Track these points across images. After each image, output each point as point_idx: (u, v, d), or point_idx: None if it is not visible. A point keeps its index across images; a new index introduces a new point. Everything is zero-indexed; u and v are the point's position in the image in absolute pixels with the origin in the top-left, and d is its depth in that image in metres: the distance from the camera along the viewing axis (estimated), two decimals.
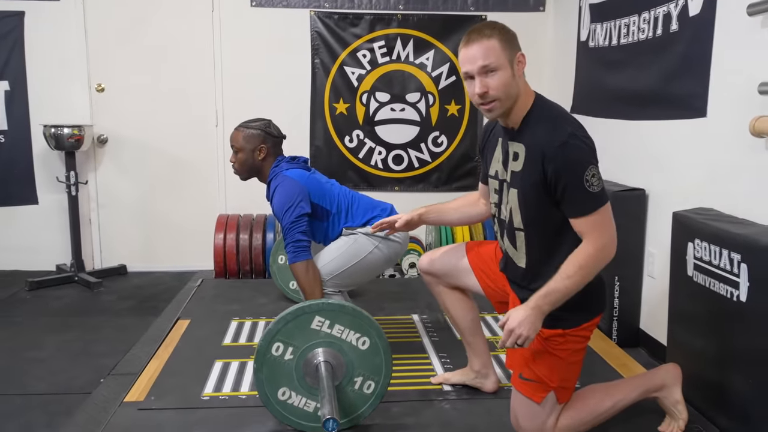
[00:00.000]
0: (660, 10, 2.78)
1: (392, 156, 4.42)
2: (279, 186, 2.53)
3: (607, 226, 1.75)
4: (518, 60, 1.80)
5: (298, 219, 2.45)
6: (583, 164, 1.71)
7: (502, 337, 1.73)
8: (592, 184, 1.71)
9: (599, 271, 1.76)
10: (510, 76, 1.77)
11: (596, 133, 3.43)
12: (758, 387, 1.91)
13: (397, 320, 3.09)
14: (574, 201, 1.73)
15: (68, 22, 4.09)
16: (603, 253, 1.74)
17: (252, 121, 2.69)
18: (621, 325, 2.95)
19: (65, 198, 4.07)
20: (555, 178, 1.73)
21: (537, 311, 1.71)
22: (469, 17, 4.27)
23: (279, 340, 1.99)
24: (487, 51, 1.74)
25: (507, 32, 1.80)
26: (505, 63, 1.76)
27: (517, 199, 1.85)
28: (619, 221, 2.90)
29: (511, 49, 1.78)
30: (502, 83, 1.76)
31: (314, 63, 4.27)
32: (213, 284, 3.74)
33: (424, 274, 2.26)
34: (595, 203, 1.72)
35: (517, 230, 1.89)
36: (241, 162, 2.65)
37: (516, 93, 1.80)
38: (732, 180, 2.31)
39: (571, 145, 1.71)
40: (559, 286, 1.72)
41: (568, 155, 1.71)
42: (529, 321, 1.69)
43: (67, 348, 2.97)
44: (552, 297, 1.72)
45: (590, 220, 1.73)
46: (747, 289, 1.95)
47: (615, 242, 1.76)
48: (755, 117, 2.06)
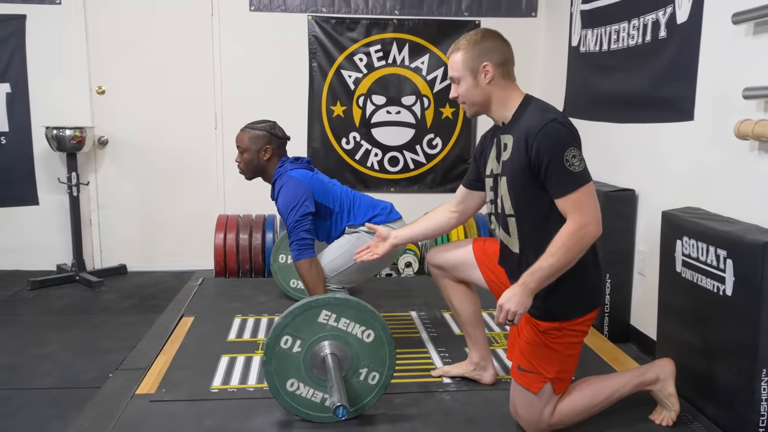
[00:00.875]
0: (649, 18, 2.89)
1: (388, 158, 4.51)
2: (284, 186, 2.61)
3: (589, 205, 1.84)
4: (482, 70, 1.97)
5: (302, 218, 2.53)
6: (564, 144, 1.83)
7: (496, 314, 1.83)
8: (572, 164, 1.82)
9: (584, 249, 1.84)
10: (472, 85, 2.00)
11: (588, 135, 3.56)
12: (743, 376, 2.01)
13: (396, 317, 3.18)
14: (557, 180, 1.84)
15: (69, 26, 4.15)
16: (585, 231, 1.81)
17: (257, 122, 2.78)
18: (612, 321, 3.05)
19: (66, 199, 4.13)
20: (538, 159, 1.84)
21: (524, 288, 1.81)
22: (463, 22, 4.38)
23: (287, 334, 2.07)
24: (453, 64, 2.02)
25: (473, 46, 1.99)
26: (466, 74, 1.99)
27: (506, 185, 1.97)
28: (610, 221, 3.03)
29: (475, 61, 1.98)
30: (465, 91, 2.01)
31: (312, 66, 4.36)
32: (214, 283, 3.82)
33: (432, 266, 2.36)
34: (576, 182, 1.82)
35: (509, 216, 2.00)
36: (247, 162, 2.74)
37: (483, 98, 2.01)
38: (718, 180, 2.42)
39: (552, 127, 1.84)
40: (544, 264, 1.81)
41: (549, 136, 1.83)
42: (516, 297, 1.80)
43: (72, 345, 3.03)
44: (537, 274, 1.81)
45: (572, 199, 1.83)
46: (732, 283, 2.05)
47: (598, 221, 1.85)
48: (739, 120, 2.17)
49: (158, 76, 4.27)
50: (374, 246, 2.38)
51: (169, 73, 4.27)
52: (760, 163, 2.19)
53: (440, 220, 2.32)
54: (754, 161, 2.21)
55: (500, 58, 1.98)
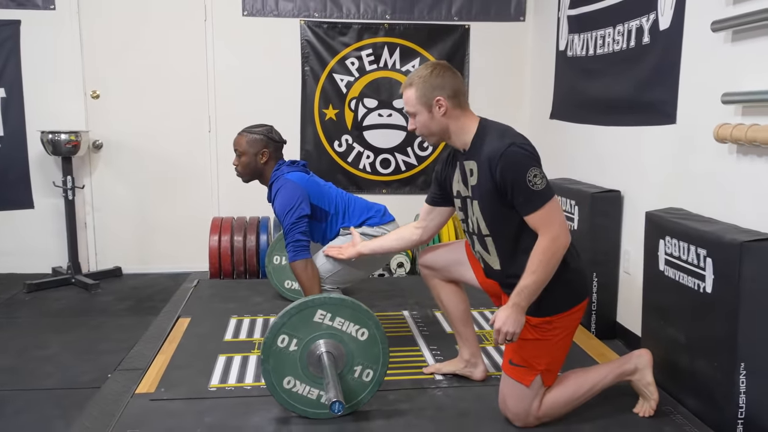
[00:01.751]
0: (633, 24, 2.98)
1: (380, 160, 4.58)
2: (281, 188, 2.68)
3: (555, 218, 1.98)
4: (436, 104, 2.09)
5: (298, 220, 2.60)
6: (524, 166, 1.96)
7: (494, 336, 1.99)
8: (535, 183, 1.95)
9: (560, 258, 1.98)
10: (427, 118, 2.11)
11: (574, 138, 3.66)
12: (722, 370, 2.09)
13: (389, 316, 3.25)
14: (523, 200, 1.97)
15: (64, 31, 4.20)
16: (557, 243, 1.96)
17: (255, 126, 2.84)
18: (599, 319, 3.14)
19: (61, 202, 4.18)
20: (503, 182, 1.98)
21: (516, 308, 1.97)
22: (453, 27, 4.46)
23: (284, 333, 2.14)
24: (407, 100, 2.12)
25: (427, 80, 2.09)
26: (420, 108, 2.10)
27: (479, 208, 2.10)
28: (596, 221, 3.13)
29: (428, 95, 2.08)
30: (421, 124, 2.13)
31: (304, 70, 4.42)
32: (209, 284, 3.88)
33: (423, 267, 2.44)
34: (541, 200, 1.96)
35: (486, 236, 2.13)
36: (244, 165, 2.81)
37: (439, 129, 2.12)
38: (699, 182, 2.51)
39: (511, 152, 1.97)
40: (528, 282, 1.97)
41: (509, 161, 1.96)
42: (511, 319, 1.95)
43: (71, 346, 3.09)
44: (525, 293, 1.97)
45: (539, 215, 1.97)
46: (712, 281, 2.14)
47: (566, 230, 2.00)
48: (718, 124, 2.26)
49: (152, 80, 4.32)
50: (345, 248, 2.60)
51: (164, 78, 4.33)
52: (738, 165, 2.28)
53: (404, 235, 2.47)
54: (733, 164, 2.30)
55: (451, 91, 2.09)
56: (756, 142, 2.06)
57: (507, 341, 1.98)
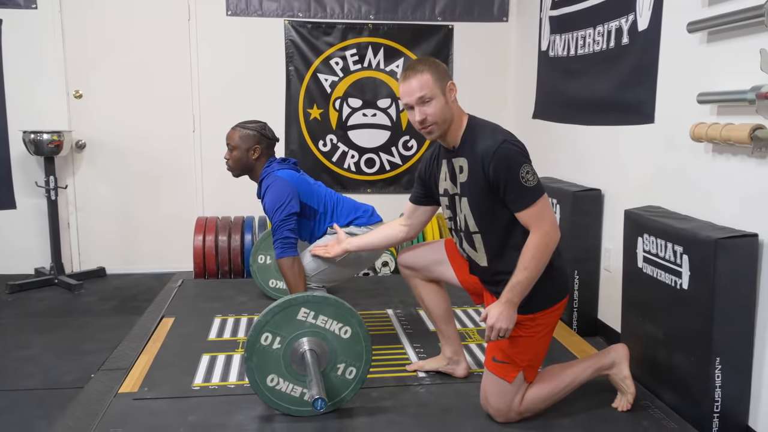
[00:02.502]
0: (612, 25, 3.02)
1: (364, 159, 4.60)
2: (271, 185, 2.69)
3: (546, 214, 2.01)
4: (449, 88, 2.07)
5: (287, 217, 2.62)
6: (517, 163, 1.98)
7: (486, 333, 2.00)
8: (527, 180, 1.98)
9: (551, 254, 2.01)
10: (443, 102, 2.06)
11: (556, 137, 3.70)
12: (698, 365, 2.14)
13: (373, 314, 3.27)
14: (515, 196, 2.00)
15: (46, 30, 4.18)
16: (548, 238, 2.00)
17: (249, 122, 2.86)
18: (581, 316, 3.18)
19: (44, 202, 4.16)
20: (495, 179, 2.00)
21: (509, 305, 1.99)
22: (437, 27, 4.49)
23: (267, 331, 2.15)
24: (422, 84, 2.03)
25: (438, 66, 2.08)
26: (438, 92, 2.05)
27: (468, 205, 2.11)
28: (577, 219, 3.17)
29: (442, 80, 2.06)
30: (438, 109, 2.05)
31: (288, 70, 4.43)
32: (194, 284, 3.87)
33: (404, 267, 2.46)
34: (533, 196, 1.99)
35: (474, 233, 2.14)
36: (236, 160, 2.82)
37: (450, 116, 2.09)
38: (676, 180, 2.55)
39: (504, 148, 1.99)
40: (521, 278, 1.99)
41: (502, 157, 1.99)
42: (504, 315, 1.98)
43: (54, 346, 3.08)
44: (518, 288, 1.99)
45: (532, 212, 2.00)
46: (688, 277, 2.18)
47: (556, 227, 2.03)
48: (694, 124, 2.30)
49: (136, 80, 4.31)
50: (331, 246, 2.61)
51: (147, 77, 4.32)
52: (713, 164, 2.32)
53: (389, 232, 2.48)
54: (708, 162, 2.34)
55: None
56: (730, 141, 2.10)
57: (499, 338, 1.99)
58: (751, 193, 2.13)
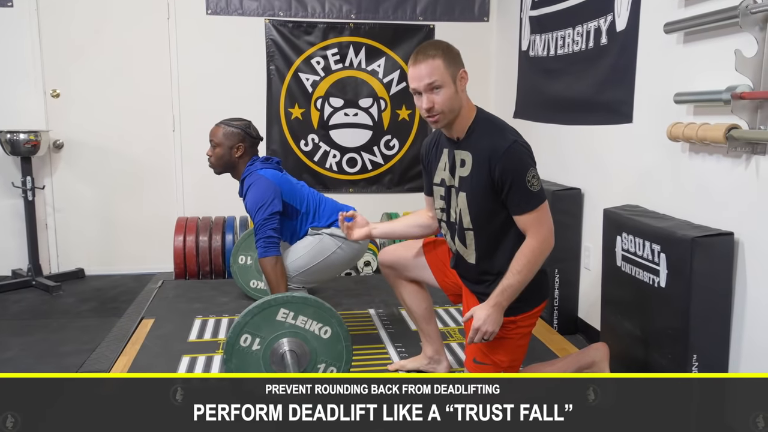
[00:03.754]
0: (591, 25, 3.04)
1: (346, 159, 4.59)
2: (253, 184, 2.68)
3: (546, 221, 2.00)
4: (461, 77, 2.00)
5: (270, 216, 2.60)
6: (525, 166, 1.95)
7: (470, 335, 1.96)
8: (533, 184, 1.95)
9: (544, 260, 2.00)
10: (453, 92, 1.97)
11: (537, 136, 3.72)
12: (675, 362, 2.16)
13: (355, 314, 3.27)
14: (518, 199, 1.96)
15: (22, 28, 4.11)
16: (545, 245, 1.98)
17: (233, 119, 2.84)
18: (561, 314, 3.20)
19: (21, 203, 4.10)
20: (501, 180, 1.95)
21: (497, 308, 1.97)
22: (418, 27, 4.49)
23: (247, 332, 2.14)
24: (432, 70, 1.94)
25: (450, 51, 1.99)
26: (448, 80, 1.96)
27: (466, 201, 2.06)
28: (558, 218, 3.16)
29: (455, 67, 1.98)
30: (446, 98, 1.96)
31: (269, 69, 4.41)
32: (174, 285, 3.84)
33: (384, 267, 2.45)
34: (536, 201, 1.96)
35: (467, 230, 2.10)
36: (218, 157, 2.79)
37: (459, 106, 2.00)
38: (654, 179, 2.58)
39: (514, 150, 1.95)
40: (512, 282, 1.97)
41: (512, 158, 1.94)
42: (491, 318, 1.96)
43: (32, 348, 3.03)
44: (508, 292, 1.97)
45: (532, 217, 1.97)
46: (666, 276, 2.20)
47: (553, 234, 2.01)
48: (671, 123, 2.33)
49: (114, 79, 4.26)
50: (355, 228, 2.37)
51: (126, 76, 4.27)
52: (689, 163, 2.35)
53: (419, 220, 2.38)
54: (685, 162, 2.37)
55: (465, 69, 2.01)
56: (706, 140, 2.13)
57: (483, 340, 1.97)
58: (727, 192, 2.15)
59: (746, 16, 1.95)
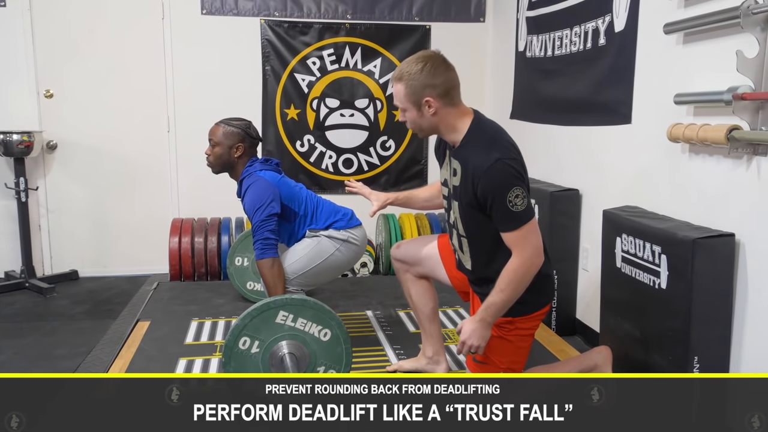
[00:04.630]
0: (589, 25, 3.04)
1: (342, 160, 4.57)
2: (252, 185, 2.65)
3: (530, 241, 1.96)
4: (425, 104, 1.99)
5: (268, 218, 2.58)
6: (506, 186, 1.91)
7: (458, 346, 2.01)
8: (515, 204, 1.92)
9: (530, 279, 1.98)
10: (416, 115, 2.02)
11: (534, 138, 3.71)
12: (676, 364, 2.15)
13: (353, 316, 3.25)
14: (500, 218, 1.96)
15: (14, 28, 4.07)
16: (528, 264, 1.96)
17: (233, 119, 2.81)
18: (559, 315, 3.19)
19: (13, 204, 4.05)
20: (483, 198, 1.96)
21: (483, 323, 1.99)
22: (414, 27, 4.47)
23: (246, 335, 2.12)
24: (396, 94, 2.04)
25: (413, 80, 1.97)
26: (409, 106, 2.02)
27: (458, 211, 2.09)
28: (556, 219, 3.17)
29: (417, 94, 1.98)
30: (411, 120, 2.05)
31: (265, 70, 4.39)
32: (169, 287, 3.81)
33: (396, 261, 2.44)
34: (518, 221, 1.94)
35: (462, 237, 2.13)
36: (217, 156, 2.76)
37: (431, 126, 2.04)
38: (653, 180, 2.57)
39: (495, 168, 1.92)
40: (496, 300, 1.98)
41: (492, 178, 1.92)
42: (477, 333, 1.98)
43: (25, 351, 3.00)
44: (492, 309, 1.98)
45: (515, 236, 1.96)
46: (666, 277, 2.20)
47: (540, 253, 1.99)
48: (671, 124, 2.32)
49: (108, 79, 4.22)
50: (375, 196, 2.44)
51: (120, 77, 4.23)
52: (689, 164, 2.34)
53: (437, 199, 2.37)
54: (685, 162, 2.36)
55: (443, 89, 1.98)
56: (707, 141, 2.12)
57: (471, 353, 2.02)
58: (728, 193, 2.15)
59: (747, 17, 1.95)
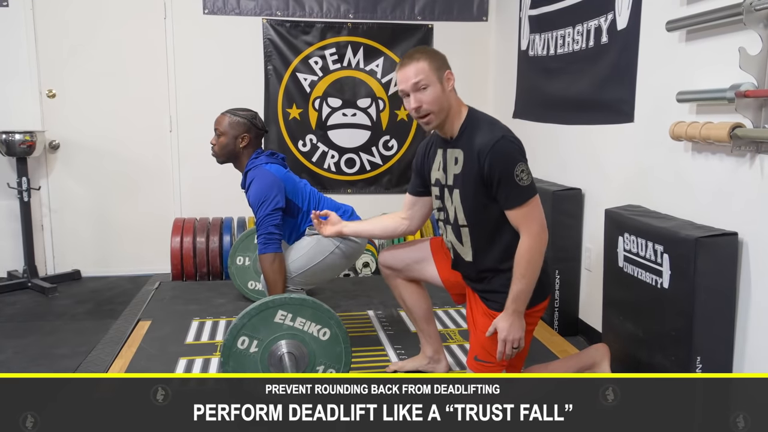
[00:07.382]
0: (592, 24, 3.02)
1: (345, 159, 4.56)
2: (257, 178, 2.63)
3: (537, 216, 2.01)
4: (447, 77, 2.05)
5: (273, 212, 2.56)
6: (514, 160, 1.96)
7: (499, 349, 2.00)
8: (522, 179, 1.96)
9: (543, 255, 2.01)
10: (440, 91, 2.03)
11: (537, 136, 3.69)
12: (678, 364, 2.13)
13: (354, 316, 3.24)
14: (507, 194, 1.98)
15: (17, 28, 4.07)
16: (538, 240, 1.99)
17: (240, 109, 2.79)
18: (561, 315, 3.17)
19: (16, 204, 4.06)
20: (490, 174, 1.97)
21: (516, 314, 2.00)
22: (416, 26, 4.46)
23: (244, 334, 2.11)
24: (418, 71, 2.01)
25: (435, 54, 2.07)
26: (434, 80, 2.02)
27: (459, 197, 2.08)
28: (558, 219, 3.16)
29: (439, 69, 2.04)
30: (434, 97, 2.02)
31: (267, 69, 4.38)
32: (171, 286, 3.81)
33: (385, 267, 2.43)
34: (525, 195, 1.98)
35: (462, 227, 2.11)
36: (222, 146, 2.74)
37: (447, 105, 2.05)
38: (656, 179, 2.55)
39: (503, 144, 1.98)
40: (522, 287, 1.98)
41: (500, 152, 1.96)
42: (514, 326, 1.99)
43: (26, 351, 2.99)
44: (521, 297, 1.99)
45: (522, 211, 1.98)
46: (669, 277, 2.18)
47: (545, 228, 2.03)
48: (674, 122, 2.30)
49: (111, 79, 4.22)
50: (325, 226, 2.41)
51: (122, 76, 4.23)
52: (692, 162, 2.32)
53: (389, 224, 2.41)
54: (688, 161, 2.34)
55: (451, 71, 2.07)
56: (709, 139, 2.10)
57: (514, 349, 2.00)
58: (731, 191, 2.13)
59: (751, 14, 1.93)
